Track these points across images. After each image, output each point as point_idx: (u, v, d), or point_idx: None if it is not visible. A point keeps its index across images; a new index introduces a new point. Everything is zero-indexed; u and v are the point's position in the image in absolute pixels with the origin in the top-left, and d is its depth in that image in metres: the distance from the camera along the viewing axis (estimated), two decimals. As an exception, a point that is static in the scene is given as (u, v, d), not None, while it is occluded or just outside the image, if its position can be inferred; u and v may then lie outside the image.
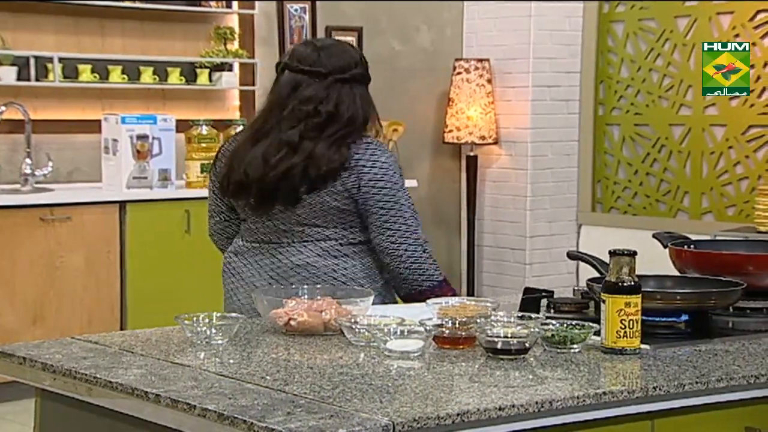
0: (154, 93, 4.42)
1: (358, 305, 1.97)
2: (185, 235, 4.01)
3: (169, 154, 4.02)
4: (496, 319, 1.87)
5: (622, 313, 1.73)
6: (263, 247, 2.19)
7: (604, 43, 5.06)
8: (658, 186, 4.92)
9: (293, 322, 1.90)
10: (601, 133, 5.12)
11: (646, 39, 4.91)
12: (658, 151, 4.90)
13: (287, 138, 2.12)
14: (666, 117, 4.85)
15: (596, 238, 5.08)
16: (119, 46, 4.32)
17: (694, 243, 2.24)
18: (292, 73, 2.16)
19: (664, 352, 1.77)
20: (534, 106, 5.05)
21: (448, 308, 2.00)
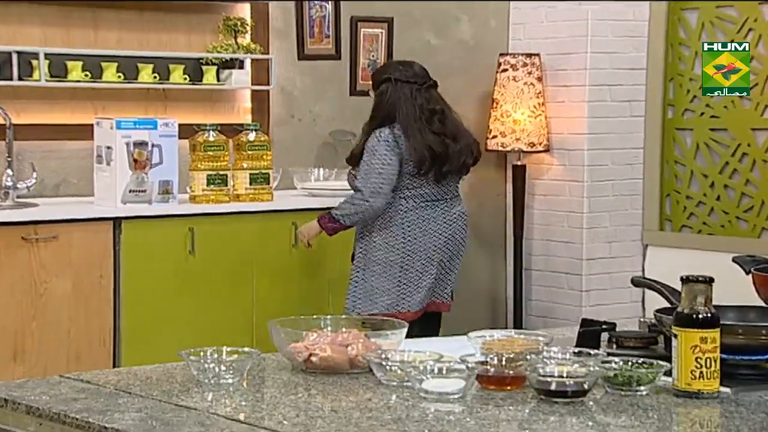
0: (153, 94, 4.47)
1: (389, 338, 1.98)
2: (189, 257, 4.04)
3: (171, 163, 4.05)
4: (548, 356, 1.87)
5: (697, 350, 1.73)
6: (435, 204, 3.92)
7: (675, 34, 5.05)
8: (738, 201, 4.88)
9: (315, 358, 1.91)
10: (670, 140, 5.10)
11: (725, 29, 4.89)
12: (739, 159, 4.87)
13: (451, 130, 3.95)
14: (748, 120, 4.83)
15: (665, 261, 5.05)
16: (114, 39, 4.38)
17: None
18: (407, 84, 3.94)
19: (747, 397, 1.76)
20: (591, 108, 5.04)
21: (493, 343, 2.01)
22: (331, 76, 4.88)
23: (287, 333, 1.98)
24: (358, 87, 4.93)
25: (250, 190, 4.22)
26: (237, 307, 4.12)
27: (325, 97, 4.88)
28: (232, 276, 4.12)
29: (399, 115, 3.89)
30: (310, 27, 4.77)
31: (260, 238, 4.18)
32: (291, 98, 4.81)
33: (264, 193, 4.25)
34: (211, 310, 4.08)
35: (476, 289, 5.09)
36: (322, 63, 4.84)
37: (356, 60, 4.90)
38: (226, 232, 4.12)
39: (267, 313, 3.86)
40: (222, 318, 4.09)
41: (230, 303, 4.11)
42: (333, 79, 4.89)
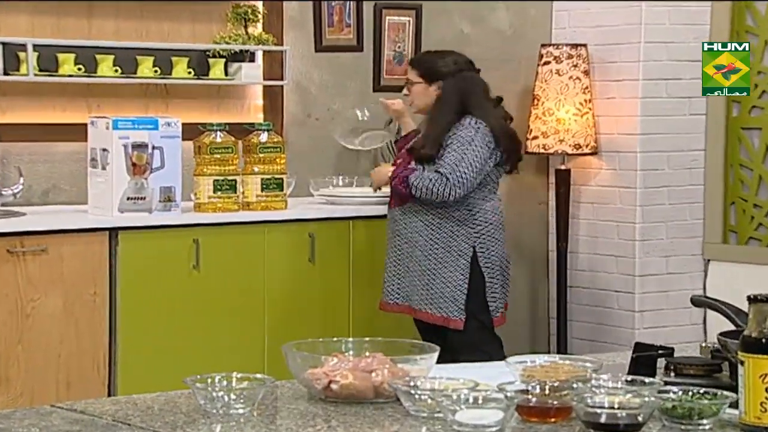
0: (154, 90, 4.50)
1: (418, 364, 1.98)
2: (193, 271, 4.06)
3: (173, 168, 4.07)
4: (598, 384, 1.87)
5: (767, 380, 1.72)
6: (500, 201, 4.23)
7: (741, 21, 5.03)
8: (811, 210, 4.86)
9: (335, 386, 1.91)
10: (735, 141, 5.08)
11: (795, 16, 4.87)
12: (812, 163, 4.84)
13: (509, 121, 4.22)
14: (822, 119, 4.81)
15: (729, 278, 5.02)
16: (110, 29, 4.41)
17: None
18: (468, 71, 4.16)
19: (823, 432, 1.75)
20: (645, 105, 5.03)
21: (534, 369, 2.01)
22: (352, 70, 4.89)
23: (304, 358, 1.99)
24: (382, 82, 4.94)
25: (261, 197, 4.24)
26: (247, 329, 4.13)
27: (345, 94, 4.89)
28: (242, 293, 4.14)
29: (473, 103, 4.07)
30: (329, 15, 4.78)
31: (273, 251, 4.19)
32: (307, 95, 4.82)
33: (277, 200, 4.27)
34: (218, 332, 4.09)
35: (516, 308, 5.07)
36: (342, 55, 4.86)
37: (380, 52, 4.91)
38: (235, 245, 4.14)
39: (281, 336, 3.88)
40: (231, 341, 4.10)
41: (240, 324, 4.13)
42: (354, 74, 4.90)
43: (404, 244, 4.08)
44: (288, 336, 3.12)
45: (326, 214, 4.36)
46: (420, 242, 4.04)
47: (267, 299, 4.18)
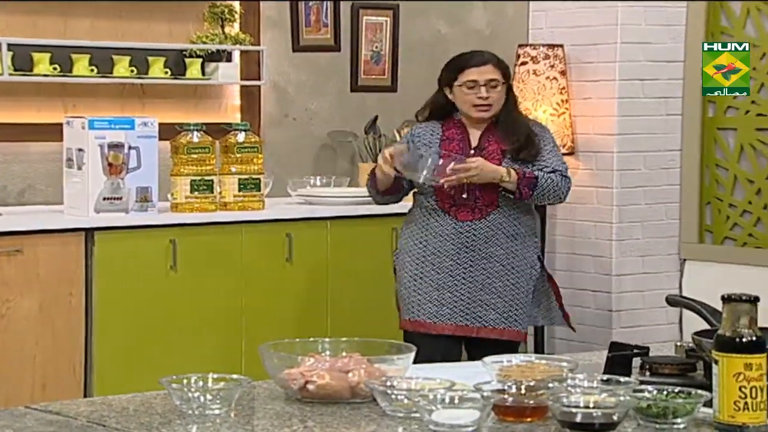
0: (130, 89, 4.48)
1: (395, 364, 1.98)
2: (170, 272, 4.05)
3: (150, 168, 4.06)
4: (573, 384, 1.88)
5: (741, 378, 1.73)
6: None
7: (716, 22, 5.05)
8: (787, 210, 4.89)
9: (311, 386, 1.91)
10: (711, 141, 5.11)
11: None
12: (787, 163, 4.88)
13: None
14: (797, 119, 4.84)
15: (705, 277, 5.05)
16: (86, 29, 4.39)
17: (835, 285, 2.24)
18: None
19: (798, 430, 1.76)
20: (622, 105, 5.05)
21: (511, 369, 2.01)
22: (329, 70, 4.89)
23: (281, 358, 1.99)
24: (360, 82, 4.94)
25: (239, 197, 4.23)
26: (225, 329, 4.12)
27: (323, 94, 4.90)
28: (219, 294, 4.13)
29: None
30: (306, 15, 4.78)
31: (250, 252, 4.19)
32: (285, 95, 4.82)
33: (254, 201, 4.26)
34: (195, 333, 4.08)
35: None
36: (319, 55, 4.86)
37: (358, 52, 4.92)
38: (212, 245, 4.13)
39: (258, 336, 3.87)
40: (208, 341, 4.09)
41: (217, 324, 4.12)
42: (332, 74, 4.90)
43: (478, 259, 3.68)
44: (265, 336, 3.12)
45: (304, 214, 4.36)
46: (500, 255, 3.70)
47: (244, 299, 4.17)
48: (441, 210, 3.70)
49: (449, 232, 3.69)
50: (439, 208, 3.70)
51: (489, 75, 3.69)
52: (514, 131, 3.70)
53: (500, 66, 3.73)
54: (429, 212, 3.73)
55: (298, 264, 4.26)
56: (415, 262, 3.73)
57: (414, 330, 3.71)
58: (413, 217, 3.79)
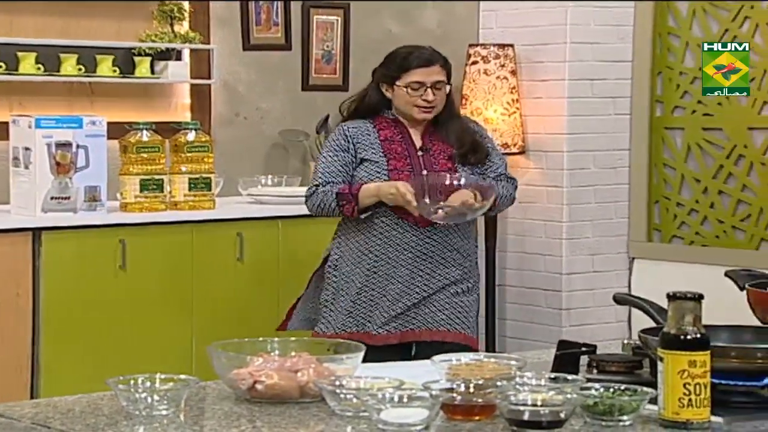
0: (78, 88, 4.44)
1: (344, 363, 1.98)
2: (120, 272, 4.02)
3: (98, 167, 4.02)
4: (522, 382, 1.89)
5: (685, 375, 1.75)
6: None
7: (663, 22, 5.10)
8: (734, 208, 4.95)
9: (260, 386, 1.91)
10: (659, 140, 5.16)
11: (718, 17, 4.96)
12: (734, 162, 4.93)
13: None
14: (744, 118, 4.89)
15: (653, 275, 5.10)
16: (32, 26, 4.35)
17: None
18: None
19: (742, 427, 1.79)
20: (571, 105, 5.09)
21: (460, 368, 2.02)
22: (280, 69, 4.88)
23: (229, 358, 1.98)
24: (311, 81, 4.93)
25: (189, 196, 4.21)
26: (175, 330, 4.10)
27: (274, 93, 4.88)
28: (170, 294, 4.10)
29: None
30: (257, 14, 4.77)
31: (201, 251, 4.17)
32: (235, 94, 4.80)
33: (205, 200, 4.24)
34: (145, 333, 4.05)
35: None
36: (270, 54, 4.85)
37: (309, 51, 4.91)
38: (162, 245, 4.10)
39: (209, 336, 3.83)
40: (158, 342, 4.07)
41: (167, 324, 4.09)
42: (283, 73, 4.89)
43: (436, 266, 3.48)
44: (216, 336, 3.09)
45: (255, 213, 4.35)
46: (456, 259, 3.51)
47: (195, 299, 4.15)
48: (395, 216, 3.46)
49: (407, 239, 3.47)
50: (394, 213, 3.45)
51: (436, 76, 3.50)
52: (460, 135, 3.54)
53: (446, 67, 3.56)
54: (381, 219, 3.47)
55: (249, 263, 4.25)
56: (364, 273, 3.48)
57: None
58: (358, 225, 3.50)
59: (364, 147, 3.49)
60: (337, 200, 3.45)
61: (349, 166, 3.50)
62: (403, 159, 3.47)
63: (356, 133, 3.51)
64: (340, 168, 3.49)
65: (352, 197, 3.43)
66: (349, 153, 3.49)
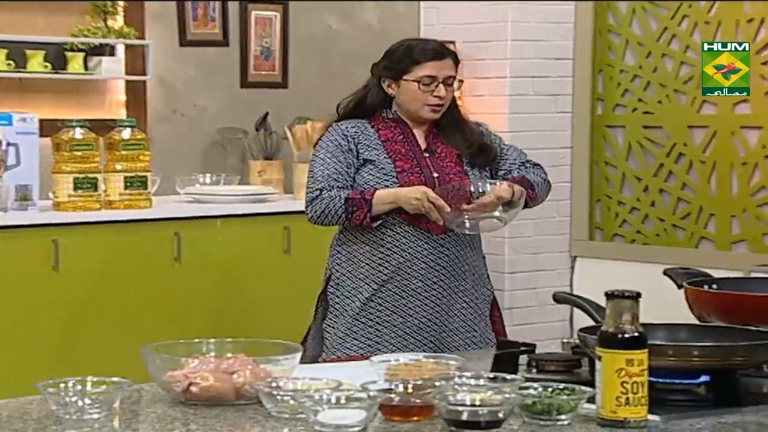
0: (8, 84, 4.38)
1: (281, 364, 1.98)
2: (53, 273, 3.97)
3: (30, 165, 3.97)
4: (461, 382, 1.89)
5: (623, 374, 1.77)
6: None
7: (603, 20, 5.15)
8: (674, 207, 5.01)
9: (195, 388, 1.90)
10: (600, 138, 5.21)
11: (658, 16, 5.02)
12: (675, 161, 4.99)
13: None
14: (684, 117, 4.96)
15: (595, 274, 5.14)
16: (-38, 21, 4.29)
17: (717, 282, 2.30)
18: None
19: (678, 425, 1.81)
20: (513, 102, 5.11)
21: (398, 368, 2.02)
22: (218, 66, 4.86)
23: (163, 360, 1.97)
24: (249, 78, 4.91)
25: (125, 195, 4.17)
26: (110, 331, 4.06)
27: (212, 89, 4.85)
28: (105, 295, 4.06)
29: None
30: (193, 9, 4.74)
31: (137, 251, 4.13)
32: (172, 90, 4.77)
33: (141, 199, 4.21)
34: (80, 335, 4.01)
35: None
36: (208, 50, 4.82)
37: (247, 47, 4.89)
38: (97, 245, 4.06)
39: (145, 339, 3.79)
40: (93, 344, 4.02)
41: (102, 326, 4.05)
42: (221, 69, 4.86)
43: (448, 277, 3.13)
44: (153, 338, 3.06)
45: (193, 212, 4.32)
46: (466, 271, 3.18)
47: (131, 300, 4.11)
48: (406, 223, 3.10)
49: (420, 249, 3.11)
50: (405, 220, 3.09)
51: (447, 71, 3.14)
52: (465, 135, 3.21)
53: (457, 61, 3.20)
54: (390, 227, 3.10)
55: (187, 263, 4.22)
56: (371, 287, 3.10)
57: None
58: (361, 236, 3.12)
59: (366, 148, 3.13)
60: (346, 206, 3.05)
61: (350, 168, 3.11)
62: (409, 160, 3.13)
63: (356, 132, 3.14)
64: (342, 170, 3.10)
65: (365, 203, 3.04)
66: (351, 154, 3.11)
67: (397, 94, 3.16)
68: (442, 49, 3.18)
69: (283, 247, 4.43)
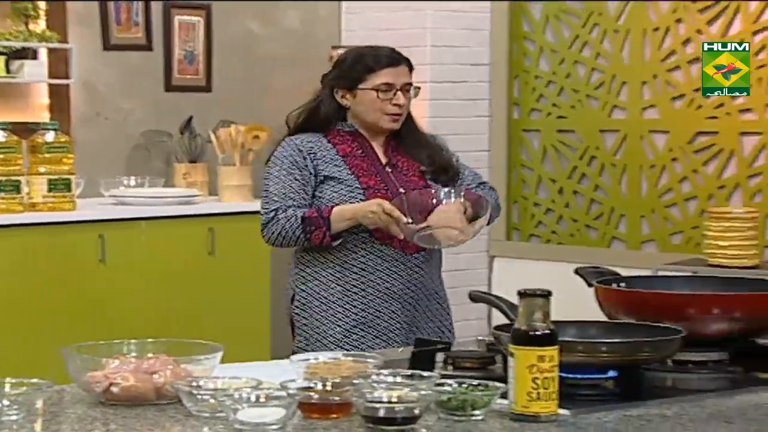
0: (-69, 87, 4.30)
1: (202, 364, 1.96)
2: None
3: (-49, 168, 3.91)
4: (378, 380, 1.89)
5: (534, 370, 1.78)
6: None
7: (518, 27, 5.20)
8: (587, 208, 5.07)
9: (115, 389, 1.88)
10: (517, 142, 5.25)
11: (570, 23, 5.07)
12: (587, 163, 5.05)
13: None
14: (596, 121, 5.02)
15: (512, 273, 5.18)
16: None
17: (625, 280, 2.33)
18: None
19: (586, 419, 1.83)
20: (433, 107, 5.13)
21: (318, 366, 2.02)
22: (142, 69, 4.80)
23: (84, 360, 1.94)
24: (173, 82, 4.87)
25: (48, 198, 4.11)
26: (34, 333, 3.99)
27: (136, 93, 4.80)
28: (29, 297, 4.00)
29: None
30: (116, 13, 4.68)
31: (61, 253, 4.07)
32: (96, 94, 4.71)
33: (65, 201, 4.15)
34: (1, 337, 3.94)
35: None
36: (131, 54, 4.76)
37: (171, 51, 4.84)
38: (20, 247, 4.00)
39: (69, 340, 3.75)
40: (15, 345, 3.96)
41: (24, 329, 3.98)
42: (145, 73, 4.81)
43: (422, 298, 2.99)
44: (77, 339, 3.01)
45: (117, 214, 4.27)
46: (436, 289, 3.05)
47: (55, 302, 4.05)
48: (379, 242, 2.87)
49: (396, 269, 2.91)
50: (377, 239, 2.87)
51: (404, 78, 2.96)
52: (429, 151, 3.03)
53: (411, 68, 3.02)
54: (361, 246, 2.88)
55: (112, 265, 4.17)
56: (346, 315, 2.88)
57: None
58: (328, 255, 2.89)
59: (325, 163, 2.90)
60: (304, 226, 2.82)
61: (308, 185, 2.87)
62: (373, 176, 2.91)
63: (312, 147, 2.91)
64: (299, 188, 2.87)
65: (323, 221, 2.81)
66: (307, 171, 2.87)
67: (353, 104, 2.94)
68: (397, 56, 2.99)
69: (207, 249, 4.40)
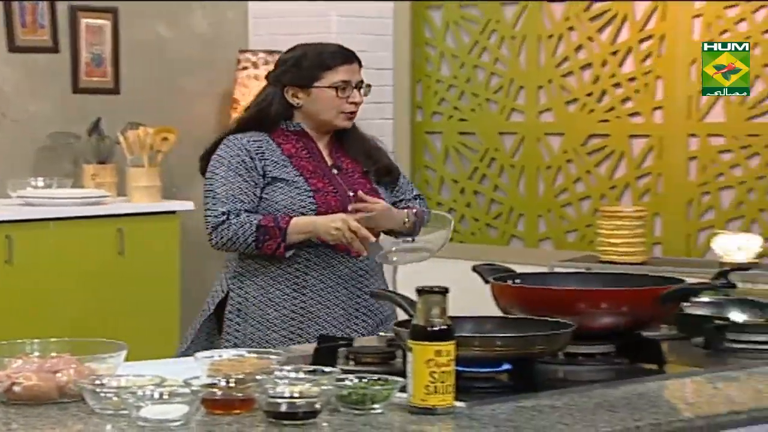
0: None
1: (106, 362, 1.94)
2: None
3: None
4: (281, 376, 1.89)
5: (432, 364, 1.80)
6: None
7: (420, 33, 5.23)
8: (488, 207, 5.13)
9: (17, 388, 1.84)
10: (420, 144, 5.29)
11: (469, 30, 5.12)
12: (487, 165, 5.11)
13: None
14: (495, 124, 5.08)
15: (417, 272, 5.19)
16: None
17: (520, 277, 2.37)
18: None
19: (481, 411, 1.85)
20: (338, 109, 5.13)
21: (222, 363, 2.01)
22: (49, 72, 4.71)
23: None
24: (80, 84, 4.79)
25: (-47, 199, 4.01)
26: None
27: (43, 95, 4.71)
28: (-68, 298, 3.90)
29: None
30: (21, 15, 4.58)
31: (-34, 254, 3.98)
32: (2, 95, 4.61)
33: (-30, 202, 4.05)
34: None
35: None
36: (38, 56, 4.67)
37: (78, 54, 4.76)
38: (-76, 248, 3.89)
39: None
40: None
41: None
42: (52, 75, 4.72)
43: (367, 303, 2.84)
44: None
45: (25, 215, 4.19)
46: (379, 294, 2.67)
47: (-39, 303, 3.96)
48: (324, 245, 2.71)
49: (341, 274, 2.76)
50: (323, 244, 2.70)
51: (358, 75, 2.84)
52: (371, 152, 2.92)
53: (361, 65, 2.89)
54: (304, 250, 2.72)
55: (20, 266, 4.09)
56: (285, 322, 2.72)
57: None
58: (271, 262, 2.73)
59: (272, 164, 2.74)
60: (257, 234, 2.66)
61: (256, 187, 2.71)
62: (320, 178, 2.76)
63: (259, 147, 2.75)
64: (247, 189, 2.70)
65: (279, 232, 2.65)
66: (255, 172, 2.71)
67: (306, 103, 2.78)
68: (349, 53, 2.85)
69: (116, 249, 4.34)
